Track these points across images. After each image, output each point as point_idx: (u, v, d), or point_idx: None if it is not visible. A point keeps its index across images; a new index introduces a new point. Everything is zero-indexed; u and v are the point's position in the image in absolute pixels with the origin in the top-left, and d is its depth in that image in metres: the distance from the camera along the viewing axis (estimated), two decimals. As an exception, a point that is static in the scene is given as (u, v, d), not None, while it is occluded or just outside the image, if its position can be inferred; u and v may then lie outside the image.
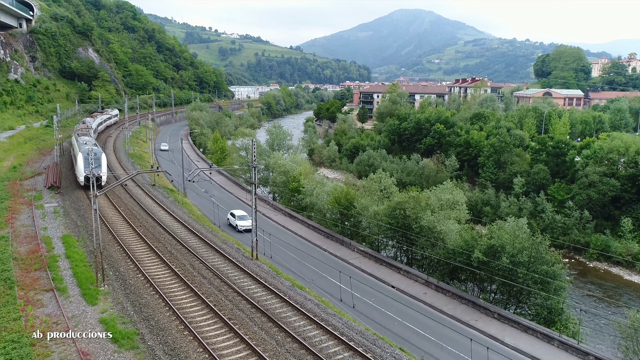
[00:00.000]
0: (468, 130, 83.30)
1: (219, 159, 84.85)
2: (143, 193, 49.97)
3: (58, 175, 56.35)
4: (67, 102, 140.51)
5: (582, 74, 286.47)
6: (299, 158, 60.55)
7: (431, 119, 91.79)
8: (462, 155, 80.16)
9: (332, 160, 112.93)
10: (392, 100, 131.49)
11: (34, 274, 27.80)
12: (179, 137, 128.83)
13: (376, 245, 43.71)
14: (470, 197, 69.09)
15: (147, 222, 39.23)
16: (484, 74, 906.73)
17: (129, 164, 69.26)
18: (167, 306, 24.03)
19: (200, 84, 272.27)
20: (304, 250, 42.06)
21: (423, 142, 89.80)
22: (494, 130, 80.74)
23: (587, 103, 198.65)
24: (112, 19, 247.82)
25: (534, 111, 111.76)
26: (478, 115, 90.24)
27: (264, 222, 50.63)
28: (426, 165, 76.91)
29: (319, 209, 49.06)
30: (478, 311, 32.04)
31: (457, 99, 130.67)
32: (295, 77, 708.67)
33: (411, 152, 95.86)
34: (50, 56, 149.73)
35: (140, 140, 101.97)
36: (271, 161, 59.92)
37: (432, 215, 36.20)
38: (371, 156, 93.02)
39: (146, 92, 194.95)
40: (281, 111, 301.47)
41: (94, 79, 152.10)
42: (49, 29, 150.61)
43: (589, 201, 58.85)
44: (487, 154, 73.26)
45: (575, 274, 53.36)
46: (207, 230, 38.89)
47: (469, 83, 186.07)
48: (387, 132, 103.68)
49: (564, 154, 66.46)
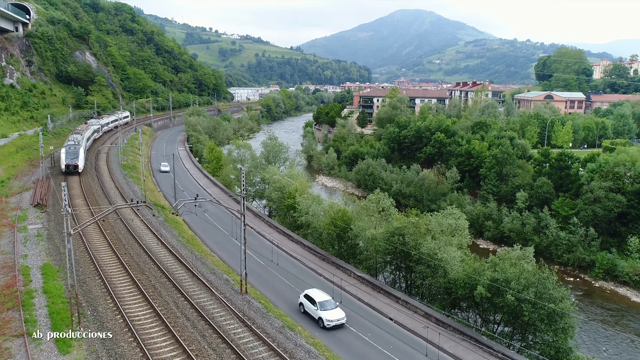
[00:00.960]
0: (469, 140, 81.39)
1: (215, 168, 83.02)
2: (132, 212, 48.15)
3: (46, 191, 54.61)
4: (64, 107, 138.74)
5: (584, 76, 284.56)
6: (296, 172, 58.62)
7: (432, 128, 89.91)
8: (463, 165, 78.27)
9: (330, 168, 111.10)
10: (392, 106, 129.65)
11: (6, 315, 25.99)
12: (176, 142, 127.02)
13: (374, 268, 41.85)
14: (472, 211, 67.28)
15: (133, 248, 37.41)
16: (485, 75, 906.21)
17: (120, 177, 67.45)
18: (145, 357, 22.22)
19: (199, 86, 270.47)
20: (298, 274, 40.24)
21: (423, 151, 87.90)
22: (496, 140, 78.84)
23: (588, 106, 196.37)
24: (111, 22, 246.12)
25: (536, 118, 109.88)
26: (479, 124, 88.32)
27: (258, 242, 48.82)
28: (426, 176, 75.03)
29: (315, 228, 47.23)
30: (481, 349, 30.18)
31: (457, 104, 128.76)
32: (296, 77, 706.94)
33: (411, 161, 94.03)
34: (47, 60, 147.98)
35: (135, 149, 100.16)
36: (266, 175, 58.08)
37: (432, 241, 34.26)
38: (370, 165, 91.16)
39: (144, 95, 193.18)
40: (281, 113, 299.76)
41: (90, 84, 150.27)
42: (45, 32, 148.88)
43: (594, 217, 56.95)
44: (489, 165, 71.34)
45: (581, 294, 51.51)
46: (195, 256, 37.06)
47: (470, 87, 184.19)
48: (386, 139, 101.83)
49: (568, 166, 64.58)
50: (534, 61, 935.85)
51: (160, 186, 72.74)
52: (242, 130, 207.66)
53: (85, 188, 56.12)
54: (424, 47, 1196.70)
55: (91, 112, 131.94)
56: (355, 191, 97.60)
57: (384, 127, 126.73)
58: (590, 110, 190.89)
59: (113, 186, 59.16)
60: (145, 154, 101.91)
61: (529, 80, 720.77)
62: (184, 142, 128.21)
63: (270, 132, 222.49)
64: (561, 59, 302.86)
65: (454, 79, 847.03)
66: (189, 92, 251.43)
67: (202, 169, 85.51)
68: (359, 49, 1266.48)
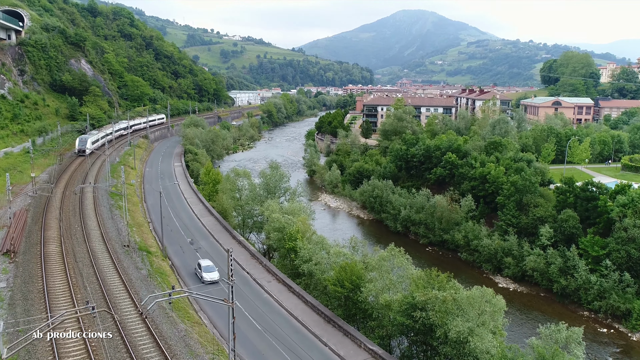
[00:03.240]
0: (483, 162, 75.71)
1: (211, 192, 77.59)
2: (111, 264, 42.61)
3: (20, 231, 49.16)
4: (57, 117, 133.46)
5: (591, 81, 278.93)
6: (297, 206, 53.07)
7: (442, 147, 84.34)
8: (477, 190, 72.59)
9: (334, 186, 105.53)
10: (398, 117, 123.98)
11: None
12: (172, 157, 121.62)
13: (388, 337, 36.26)
14: (489, 245, 61.71)
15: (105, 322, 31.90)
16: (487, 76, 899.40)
17: (106, 209, 61.90)
18: None
19: (199, 92, 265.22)
20: (299, 342, 34.80)
21: (433, 172, 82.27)
22: (512, 163, 73.21)
23: (597, 112, 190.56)
24: (109, 27, 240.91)
25: (549, 132, 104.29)
26: (493, 144, 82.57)
27: (255, 294, 43.38)
28: (438, 203, 69.38)
29: (319, 280, 41.78)
30: None
31: (466, 116, 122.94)
32: (297, 79, 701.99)
33: (419, 181, 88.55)
34: (40, 69, 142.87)
35: (128, 167, 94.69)
36: (265, 212, 52.57)
37: (463, 322, 28.39)
38: (376, 187, 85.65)
39: (142, 103, 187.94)
40: (282, 119, 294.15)
41: (85, 93, 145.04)
42: (39, 40, 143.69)
43: (629, 259, 51.31)
44: (508, 193, 65.63)
45: (617, 352, 45.85)
46: (178, 333, 31.52)
47: (478, 94, 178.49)
48: (393, 157, 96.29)
49: (595, 198, 58.87)
50: (537, 62, 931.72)
51: (150, 215, 67.31)
52: (243, 139, 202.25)
53: (64, 227, 50.71)
54: (426, 48, 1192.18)
55: (85, 124, 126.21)
56: (360, 213, 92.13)
57: (388, 139, 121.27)
58: (598, 117, 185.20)
59: (95, 224, 53.70)
60: (139, 172, 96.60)
61: (532, 82, 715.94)
62: (180, 155, 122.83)
63: (271, 139, 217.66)
64: (568, 62, 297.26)
65: (457, 80, 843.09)
66: (189, 98, 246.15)
67: (197, 192, 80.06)
68: (360, 49, 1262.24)
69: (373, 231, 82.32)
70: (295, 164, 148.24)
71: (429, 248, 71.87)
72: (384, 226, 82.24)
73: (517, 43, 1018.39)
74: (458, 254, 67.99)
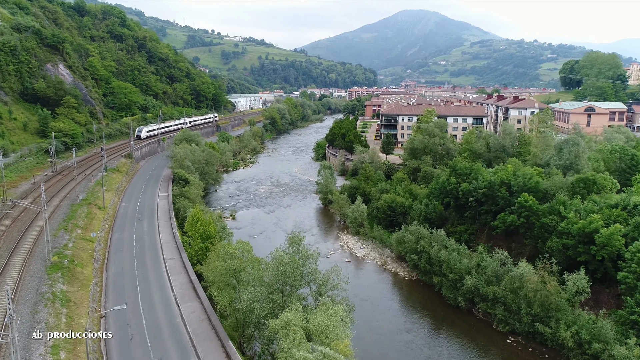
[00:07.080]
0: (579, 210, 54.01)
1: (199, 252, 56.09)
2: None
3: None
4: (25, 133, 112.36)
5: (620, 83, 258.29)
6: (333, 320, 31.43)
7: (512, 183, 62.70)
8: (575, 252, 51.10)
9: (358, 225, 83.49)
10: (429, 132, 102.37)
11: None
12: (159, 183, 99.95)
13: None
14: (627, 356, 39.89)
15: None
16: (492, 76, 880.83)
17: (28, 304, 40.25)
18: None
19: (197, 97, 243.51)
20: None
21: (501, 218, 60.59)
22: (623, 213, 51.71)
23: (630, 118, 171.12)
24: (97, 27, 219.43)
25: (621, 152, 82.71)
26: (583, 181, 60.58)
27: None
28: (528, 279, 47.46)
29: None
30: None
31: (512, 131, 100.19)
32: (300, 81, 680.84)
33: (475, 226, 66.95)
34: (8, 76, 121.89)
35: (95, 207, 72.73)
36: (280, 334, 30.90)
37: None
38: (422, 237, 63.88)
39: (130, 113, 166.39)
40: (286, 125, 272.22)
41: (59, 105, 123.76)
42: (7, 42, 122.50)
43: None
44: (637, 268, 43.89)
45: None
46: None
47: (511, 101, 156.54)
48: (436, 190, 74.80)
49: None
50: (542, 62, 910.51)
51: (107, 300, 45.69)
52: (244, 152, 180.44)
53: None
54: (428, 48, 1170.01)
55: (57, 142, 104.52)
56: (397, 267, 70.27)
57: (417, 158, 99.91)
58: (632, 123, 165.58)
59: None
60: (109, 213, 74.83)
61: (539, 83, 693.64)
62: (169, 181, 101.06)
63: (276, 150, 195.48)
64: (592, 64, 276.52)
65: (461, 80, 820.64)
66: (185, 105, 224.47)
67: (181, 250, 58.38)
68: (362, 50, 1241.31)
69: (420, 300, 60.72)
70: (305, 186, 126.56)
71: (511, 338, 50.00)
72: (435, 292, 60.68)
73: (522, 43, 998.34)
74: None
